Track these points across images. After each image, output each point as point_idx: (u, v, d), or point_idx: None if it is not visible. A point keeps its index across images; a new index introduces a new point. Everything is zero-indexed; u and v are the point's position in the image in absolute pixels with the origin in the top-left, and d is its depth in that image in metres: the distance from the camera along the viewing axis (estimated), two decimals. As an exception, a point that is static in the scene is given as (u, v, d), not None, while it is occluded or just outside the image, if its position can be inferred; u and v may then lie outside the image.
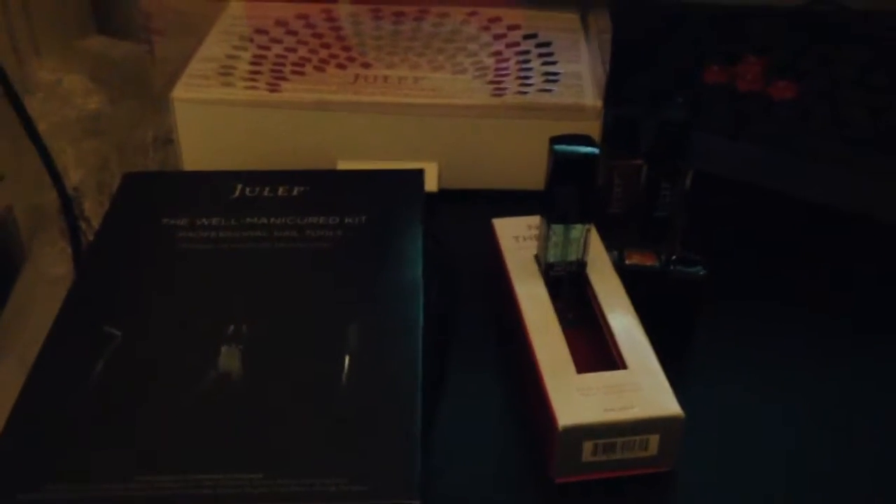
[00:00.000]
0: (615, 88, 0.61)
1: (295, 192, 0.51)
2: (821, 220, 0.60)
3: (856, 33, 0.73)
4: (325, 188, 0.52)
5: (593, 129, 0.59)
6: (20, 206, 0.61)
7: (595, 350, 0.45)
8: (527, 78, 0.63)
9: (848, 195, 0.60)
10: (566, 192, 0.45)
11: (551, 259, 0.48)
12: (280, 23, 0.69)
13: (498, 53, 0.66)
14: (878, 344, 0.51)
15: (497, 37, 0.68)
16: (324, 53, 0.65)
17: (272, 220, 0.49)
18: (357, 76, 0.62)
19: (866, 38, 0.72)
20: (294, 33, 0.67)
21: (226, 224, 0.48)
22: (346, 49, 0.66)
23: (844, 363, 0.50)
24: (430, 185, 0.58)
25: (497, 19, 0.70)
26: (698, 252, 0.50)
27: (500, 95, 0.60)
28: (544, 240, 0.47)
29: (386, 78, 0.62)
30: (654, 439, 0.41)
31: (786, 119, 0.63)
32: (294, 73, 0.62)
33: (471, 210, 0.57)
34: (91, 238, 0.58)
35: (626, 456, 0.41)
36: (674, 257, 0.50)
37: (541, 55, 0.66)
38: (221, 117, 0.60)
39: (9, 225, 0.60)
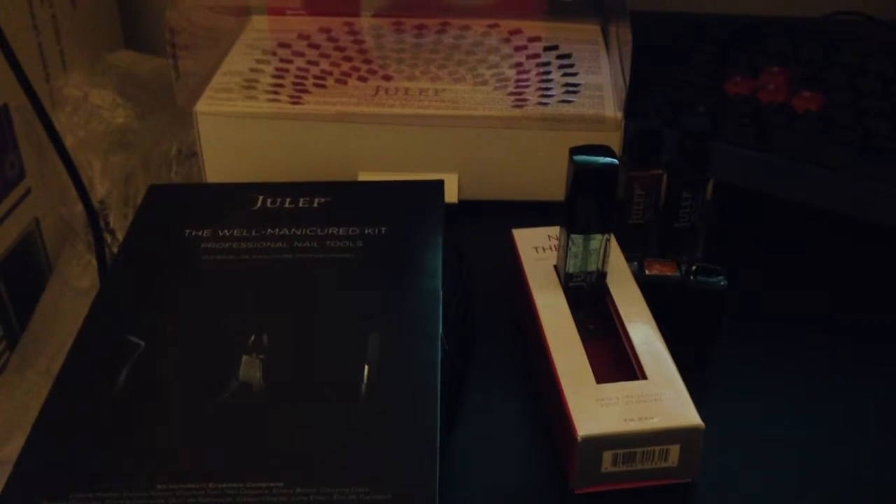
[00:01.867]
0: (636, 99, 0.61)
1: (316, 204, 0.51)
2: (845, 231, 0.59)
3: (880, 44, 0.72)
4: (346, 199, 0.52)
5: (614, 139, 0.59)
6: (47, 219, 0.61)
7: (615, 360, 0.45)
8: (547, 89, 0.63)
9: (873, 207, 0.59)
10: (586, 203, 0.45)
11: (571, 269, 0.48)
12: (303, 36, 0.69)
13: (519, 65, 0.66)
14: (903, 355, 0.50)
15: (518, 48, 0.68)
16: (345, 66, 0.66)
17: (293, 231, 0.49)
18: (378, 88, 0.63)
19: (891, 49, 0.71)
20: (316, 46, 0.68)
21: (247, 235, 0.49)
22: (368, 62, 0.66)
23: (868, 375, 0.49)
24: (451, 196, 0.59)
25: (518, 31, 0.70)
26: (719, 263, 0.50)
27: (520, 107, 0.61)
28: (564, 250, 0.47)
29: (407, 90, 0.63)
30: (675, 450, 0.41)
31: (809, 130, 0.62)
32: (316, 85, 0.63)
33: (491, 221, 0.57)
34: (116, 250, 0.58)
35: (645, 466, 0.41)
36: (694, 268, 0.50)
37: (561, 66, 0.66)
38: (244, 130, 0.60)
39: (35, 238, 0.60)
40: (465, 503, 0.42)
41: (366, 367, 0.41)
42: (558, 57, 0.67)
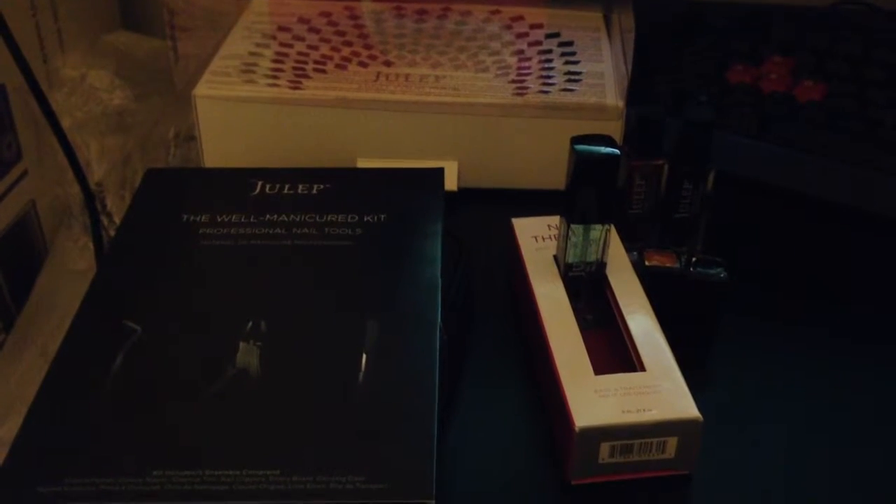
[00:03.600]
0: (638, 88, 0.60)
1: (315, 190, 0.51)
2: (846, 222, 0.59)
3: (884, 33, 0.72)
4: (345, 186, 0.52)
5: (615, 128, 0.59)
6: (43, 200, 0.61)
7: (613, 352, 0.45)
8: (549, 77, 0.63)
9: (875, 198, 0.59)
10: (586, 193, 0.45)
11: (570, 259, 0.47)
12: (303, 20, 0.69)
13: (520, 52, 0.66)
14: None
15: (519, 35, 0.68)
16: (346, 51, 0.65)
17: (292, 217, 0.49)
18: (379, 74, 0.62)
19: (895, 39, 0.71)
20: (317, 31, 0.68)
21: (246, 221, 0.48)
22: (368, 47, 0.66)
23: (868, 368, 0.49)
24: (450, 183, 0.58)
25: (520, 18, 0.70)
26: (720, 254, 0.50)
27: (521, 94, 0.60)
28: (564, 240, 0.47)
29: (407, 76, 0.62)
30: (672, 442, 0.41)
31: (811, 120, 0.62)
32: (316, 70, 0.63)
33: (490, 209, 0.57)
34: (113, 233, 0.58)
35: (643, 458, 0.41)
36: (695, 259, 0.49)
37: (563, 54, 0.66)
38: (243, 114, 0.60)
39: (31, 219, 0.60)
40: (463, 493, 0.42)
41: (363, 356, 0.41)
42: (560, 44, 0.67)
